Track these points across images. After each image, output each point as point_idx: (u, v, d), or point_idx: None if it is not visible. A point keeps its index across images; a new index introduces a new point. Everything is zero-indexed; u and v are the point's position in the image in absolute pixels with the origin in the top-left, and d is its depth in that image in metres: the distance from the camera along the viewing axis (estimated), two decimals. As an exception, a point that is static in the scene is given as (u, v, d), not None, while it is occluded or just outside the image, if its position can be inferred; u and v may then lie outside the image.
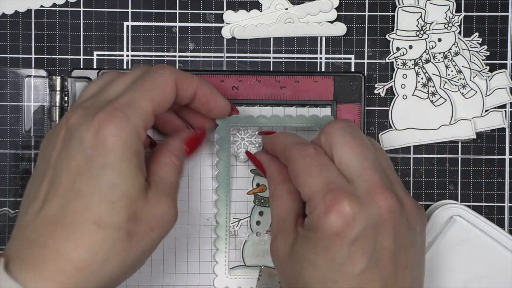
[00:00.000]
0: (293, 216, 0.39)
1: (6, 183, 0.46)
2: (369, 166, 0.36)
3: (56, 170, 0.35)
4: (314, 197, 0.36)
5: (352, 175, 0.36)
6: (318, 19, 0.47)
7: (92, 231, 0.33)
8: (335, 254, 0.34)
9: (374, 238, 0.35)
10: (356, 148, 0.37)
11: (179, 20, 0.47)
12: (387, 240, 0.35)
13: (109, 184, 0.33)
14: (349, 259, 0.34)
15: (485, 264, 0.45)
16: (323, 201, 0.35)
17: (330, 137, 0.38)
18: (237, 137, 0.45)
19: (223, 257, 0.45)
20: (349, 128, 0.38)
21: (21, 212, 0.36)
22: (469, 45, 0.47)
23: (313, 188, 0.36)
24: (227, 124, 0.44)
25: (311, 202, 0.36)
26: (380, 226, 0.35)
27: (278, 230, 0.39)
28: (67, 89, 0.45)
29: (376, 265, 0.35)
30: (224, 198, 0.44)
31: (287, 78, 0.45)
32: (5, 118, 0.45)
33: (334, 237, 0.34)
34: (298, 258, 0.36)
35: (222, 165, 0.44)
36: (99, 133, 0.34)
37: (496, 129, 0.47)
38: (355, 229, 0.34)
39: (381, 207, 0.35)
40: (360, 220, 0.34)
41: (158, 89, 0.36)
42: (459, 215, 0.45)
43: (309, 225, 0.36)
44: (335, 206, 0.34)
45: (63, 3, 0.46)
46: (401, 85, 0.47)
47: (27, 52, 0.46)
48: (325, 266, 0.35)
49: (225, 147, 0.44)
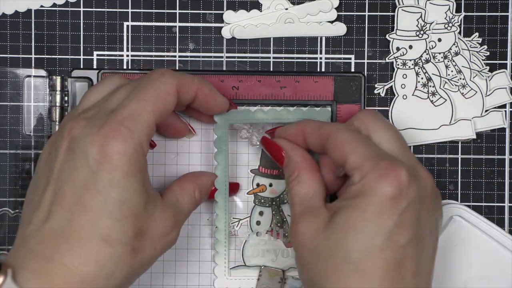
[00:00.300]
0: (321, 197, 0.39)
1: (6, 183, 0.45)
2: (407, 148, 0.38)
3: (59, 181, 0.35)
4: (366, 163, 0.36)
5: (394, 153, 0.37)
6: (318, 19, 0.47)
7: (100, 246, 0.33)
8: (386, 220, 0.34)
9: (419, 211, 0.35)
10: (392, 131, 0.39)
11: (179, 20, 0.47)
12: (425, 218, 0.36)
13: (116, 201, 0.34)
14: (398, 228, 0.35)
15: (485, 264, 0.45)
16: (378, 166, 0.35)
17: (365, 121, 0.39)
18: (244, 127, 0.45)
19: (223, 259, 0.45)
20: (380, 115, 0.40)
21: (24, 220, 0.36)
22: (469, 45, 0.47)
23: (365, 154, 0.36)
24: (225, 120, 0.43)
25: (362, 168, 0.36)
26: (423, 201, 0.36)
27: (304, 210, 0.38)
28: (67, 89, 0.45)
29: (417, 241, 0.35)
30: (222, 204, 0.44)
31: (287, 78, 0.45)
32: (5, 118, 0.45)
33: (388, 202, 0.35)
34: (341, 227, 0.36)
35: (220, 170, 0.44)
36: (104, 149, 0.34)
37: (496, 129, 0.47)
38: (408, 197, 0.35)
39: (427, 182, 0.36)
40: (412, 189, 0.35)
41: (160, 99, 0.36)
42: (459, 215, 0.45)
43: (358, 191, 0.36)
44: (392, 171, 0.35)
45: (63, 3, 0.46)
46: (401, 85, 0.47)
47: (27, 52, 0.46)
48: (373, 232, 0.35)
49: (223, 149, 0.44)
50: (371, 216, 0.35)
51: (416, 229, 0.35)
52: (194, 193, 0.41)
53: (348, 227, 0.35)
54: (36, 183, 0.37)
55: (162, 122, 0.43)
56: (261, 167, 0.46)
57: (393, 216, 0.34)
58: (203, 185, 0.42)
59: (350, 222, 0.35)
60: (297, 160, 0.41)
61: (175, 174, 0.46)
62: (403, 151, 0.38)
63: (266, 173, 0.46)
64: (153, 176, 0.46)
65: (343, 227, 0.35)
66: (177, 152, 0.46)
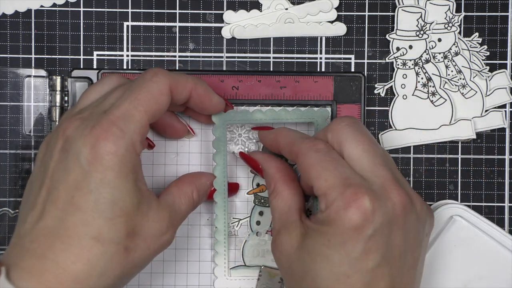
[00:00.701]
0: (297, 210, 0.39)
1: (6, 183, 0.46)
2: (380, 162, 0.37)
3: (53, 181, 0.35)
4: (330, 192, 0.35)
5: (364, 171, 0.36)
6: (318, 19, 0.47)
7: (91, 245, 0.34)
8: (351, 249, 0.34)
9: (388, 234, 0.35)
10: (366, 144, 0.37)
11: (179, 20, 0.47)
12: (399, 237, 0.35)
13: (107, 200, 0.34)
14: (364, 254, 0.34)
15: (485, 264, 0.45)
16: (342, 196, 0.35)
17: (338, 134, 0.38)
18: (234, 133, 0.45)
19: (222, 260, 0.45)
20: (356, 124, 0.38)
21: (20, 219, 0.36)
22: (469, 45, 0.47)
23: (329, 182, 0.36)
24: (223, 121, 0.43)
25: (327, 197, 0.35)
26: (393, 222, 0.35)
27: (281, 225, 0.39)
28: (67, 89, 0.45)
29: (388, 262, 0.35)
30: (222, 204, 0.44)
31: (287, 78, 0.45)
32: (5, 118, 0.45)
33: (351, 232, 0.34)
34: (309, 252, 0.36)
35: (219, 170, 0.44)
36: (96, 150, 0.34)
37: (496, 129, 0.47)
38: (373, 225, 0.34)
39: (396, 203, 0.35)
40: (378, 216, 0.34)
41: (152, 99, 0.36)
42: (459, 215, 0.45)
43: (324, 219, 0.36)
44: (355, 202, 0.34)
45: (63, 3, 0.46)
46: (401, 85, 0.47)
47: (27, 52, 0.46)
48: (339, 260, 0.35)
49: (222, 149, 0.43)
50: (335, 246, 0.35)
51: (386, 251, 0.35)
52: (192, 194, 0.41)
53: (316, 254, 0.35)
54: (32, 183, 0.37)
55: (160, 122, 0.43)
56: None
57: (357, 245, 0.34)
58: (202, 186, 0.42)
59: (317, 249, 0.35)
60: (271, 172, 0.41)
61: (175, 174, 0.46)
62: (373, 167, 0.36)
63: (266, 173, 0.46)
64: (153, 176, 0.46)
65: (311, 253, 0.36)
66: (177, 152, 0.46)
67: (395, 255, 0.35)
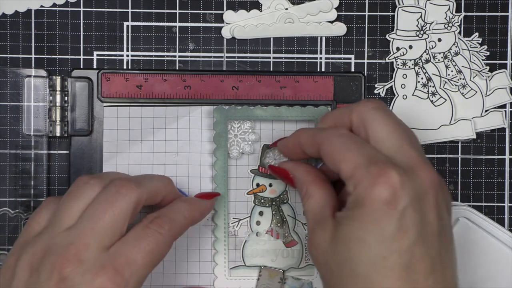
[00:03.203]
0: (329, 208, 0.38)
1: (6, 183, 0.45)
2: (407, 142, 0.36)
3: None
4: (357, 172, 0.35)
5: (390, 151, 0.36)
6: (318, 19, 0.47)
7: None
8: (385, 227, 0.33)
9: (421, 210, 0.34)
10: (392, 125, 0.37)
11: (179, 20, 0.47)
12: (431, 215, 0.34)
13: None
14: (399, 231, 0.33)
15: (492, 266, 0.45)
16: (369, 173, 0.34)
17: (363, 115, 0.37)
18: (230, 133, 0.45)
19: (223, 259, 0.45)
20: (382, 106, 0.38)
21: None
22: (469, 45, 0.47)
23: (356, 162, 0.35)
24: (225, 116, 0.43)
25: (354, 177, 0.35)
26: (424, 199, 0.34)
27: (314, 223, 0.38)
28: (67, 89, 0.45)
29: (424, 240, 0.34)
30: (222, 200, 0.44)
31: (287, 78, 0.45)
32: (5, 118, 0.45)
33: (383, 208, 0.33)
34: (344, 241, 0.35)
35: (219, 165, 0.44)
36: None
37: (496, 129, 0.47)
38: (405, 199, 0.33)
39: (424, 180, 0.35)
40: (408, 189, 0.34)
41: (115, 221, 0.36)
42: (465, 217, 0.45)
43: (354, 202, 0.35)
44: (383, 176, 0.34)
45: (63, 3, 0.46)
46: (401, 85, 0.47)
47: (27, 52, 0.46)
48: (374, 241, 0.33)
49: (222, 145, 0.44)
50: (369, 226, 0.34)
51: (421, 228, 0.34)
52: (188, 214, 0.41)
53: (350, 240, 0.34)
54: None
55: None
56: (261, 167, 0.46)
57: (391, 221, 0.33)
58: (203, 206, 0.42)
59: (351, 235, 0.34)
60: (301, 176, 0.41)
61: (175, 174, 0.46)
62: (400, 148, 0.36)
63: (266, 173, 0.46)
64: (153, 176, 0.46)
65: (346, 240, 0.35)
66: (177, 152, 0.46)
67: (432, 232, 0.34)
